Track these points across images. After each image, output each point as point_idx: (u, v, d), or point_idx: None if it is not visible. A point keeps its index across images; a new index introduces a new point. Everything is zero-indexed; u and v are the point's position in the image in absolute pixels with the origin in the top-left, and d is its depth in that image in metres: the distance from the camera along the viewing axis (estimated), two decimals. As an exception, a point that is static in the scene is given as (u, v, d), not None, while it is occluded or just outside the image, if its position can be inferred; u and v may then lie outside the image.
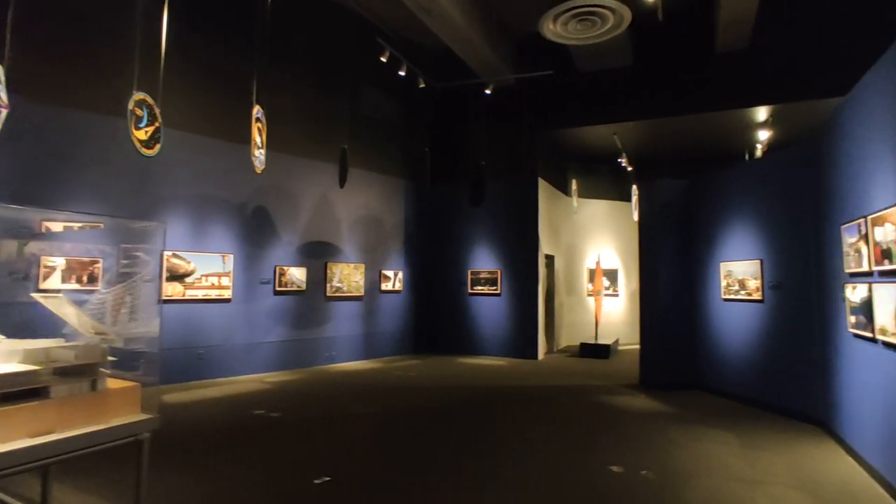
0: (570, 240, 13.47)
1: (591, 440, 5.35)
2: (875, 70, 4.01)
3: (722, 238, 7.34)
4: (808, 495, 3.91)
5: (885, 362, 3.88)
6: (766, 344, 6.53)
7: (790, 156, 6.28)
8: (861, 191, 4.26)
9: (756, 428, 5.76)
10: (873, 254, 3.92)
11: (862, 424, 4.47)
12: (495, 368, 9.86)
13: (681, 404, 6.92)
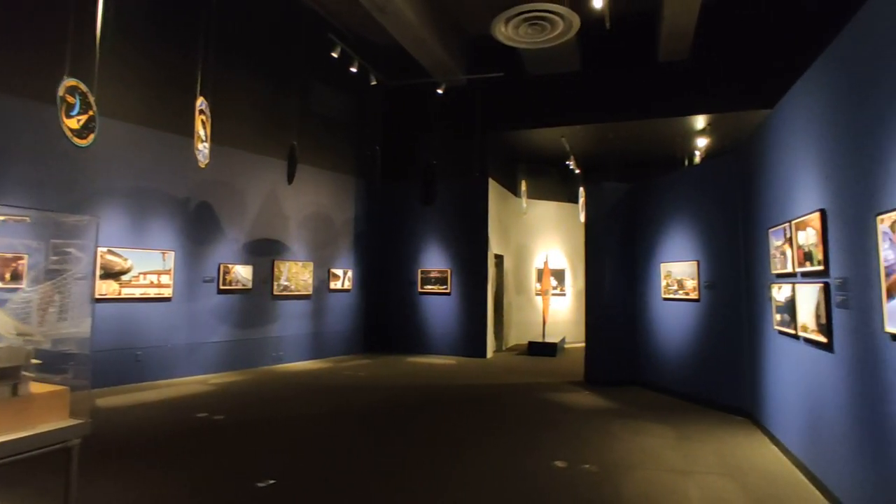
0: (520, 240, 13.70)
1: (536, 437, 5.47)
2: (798, 86, 4.30)
3: (662, 240, 7.66)
4: (735, 482, 4.15)
5: (805, 358, 4.16)
6: (701, 341, 6.87)
7: (724, 163, 6.63)
8: (786, 197, 4.54)
9: (691, 421, 6.05)
10: (796, 256, 4.19)
11: (785, 415, 4.77)
12: (445, 367, 9.91)
13: (622, 400, 7.18)
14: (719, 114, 10.19)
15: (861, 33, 3.17)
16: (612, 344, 8.26)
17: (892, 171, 2.77)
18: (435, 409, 6.73)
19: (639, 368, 8.09)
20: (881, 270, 2.81)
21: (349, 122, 11.62)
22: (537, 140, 12.40)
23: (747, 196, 5.90)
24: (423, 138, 11.41)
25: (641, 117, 10.50)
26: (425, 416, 6.33)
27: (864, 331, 3.11)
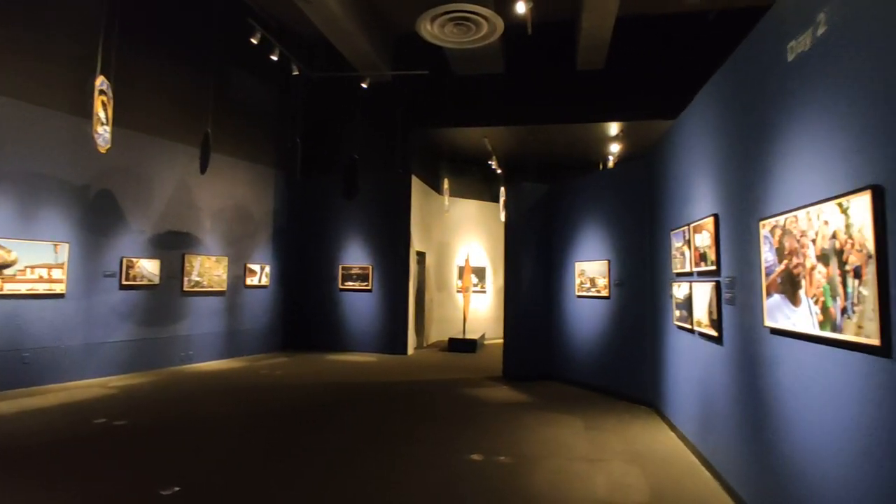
0: (442, 237, 13.84)
1: (454, 431, 5.56)
2: (696, 101, 4.66)
3: (577, 240, 8.03)
4: (637, 466, 4.44)
5: (700, 350, 4.53)
6: (610, 336, 7.28)
7: (633, 168, 7.06)
8: (686, 202, 4.91)
9: (599, 412, 6.39)
10: (693, 257, 4.54)
11: (682, 404, 5.17)
12: (365, 364, 9.83)
13: (538, 394, 7.45)
14: (631, 122, 10.81)
15: (747, 57, 3.48)
16: (529, 340, 8.56)
17: (771, 182, 3.07)
18: (353, 407, 6.66)
19: (554, 363, 8.43)
20: (762, 270, 3.12)
21: (269, 112, 11.21)
22: (461, 139, 12.57)
23: (653, 200, 6.31)
24: (346, 132, 11.23)
25: (560, 121, 10.92)
26: (343, 415, 6.26)
27: (747, 325, 3.44)
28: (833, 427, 2.42)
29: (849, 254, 2.27)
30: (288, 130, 11.32)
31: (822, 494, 2.51)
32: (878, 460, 2.08)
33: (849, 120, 2.34)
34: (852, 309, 2.24)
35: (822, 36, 2.54)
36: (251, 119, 10.73)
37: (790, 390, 2.85)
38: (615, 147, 12.09)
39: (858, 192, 2.19)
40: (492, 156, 12.87)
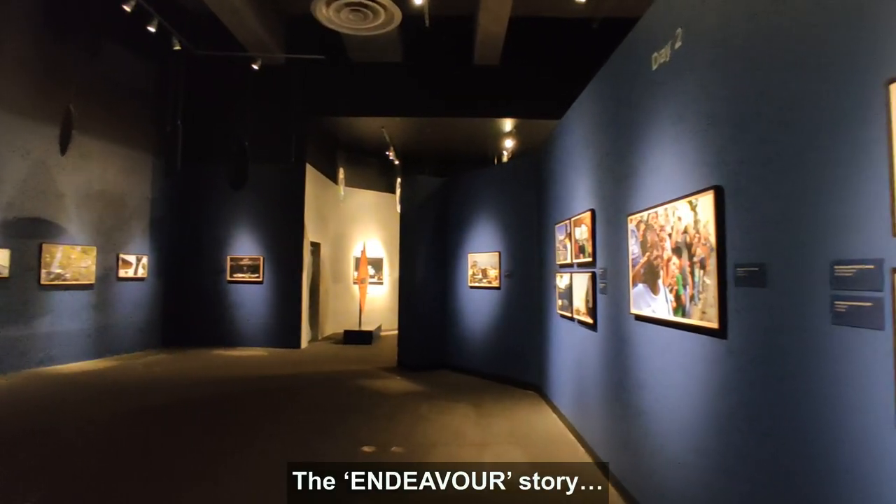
0: (338, 228, 13.58)
1: (347, 423, 5.51)
2: (577, 103, 4.97)
3: (470, 231, 8.25)
4: (521, 448, 4.69)
5: (578, 337, 4.85)
6: (500, 325, 7.58)
7: (523, 163, 7.37)
8: (568, 197, 5.23)
9: (490, 399, 6.63)
10: (574, 249, 4.85)
11: (562, 387, 5.52)
12: (255, 359, 9.43)
13: (432, 383, 7.58)
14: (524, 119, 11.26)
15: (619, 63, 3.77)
16: (424, 330, 8.68)
17: (638, 181, 3.35)
18: (240, 403, 6.38)
19: (448, 352, 8.62)
20: (629, 262, 3.40)
21: (147, 90, 10.28)
22: (358, 128, 12.38)
23: (541, 194, 6.64)
24: (235, 117, 10.60)
25: (457, 115, 11.12)
26: (228, 412, 5.97)
27: (617, 312, 3.74)
28: (682, 397, 2.71)
29: (696, 247, 2.54)
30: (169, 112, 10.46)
31: (671, 452, 2.81)
32: (716, 420, 2.38)
33: (696, 127, 2.61)
34: (698, 296, 2.52)
35: (678, 49, 2.81)
36: (125, 98, 9.78)
37: (649, 370, 3.15)
38: (510, 143, 12.53)
39: (704, 191, 2.46)
40: (389, 146, 12.82)
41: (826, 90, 1.76)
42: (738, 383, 2.23)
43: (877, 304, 1.54)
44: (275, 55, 10.30)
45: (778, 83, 2.01)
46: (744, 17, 2.25)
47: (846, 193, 1.66)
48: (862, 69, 1.60)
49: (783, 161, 1.96)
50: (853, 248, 1.63)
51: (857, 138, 1.62)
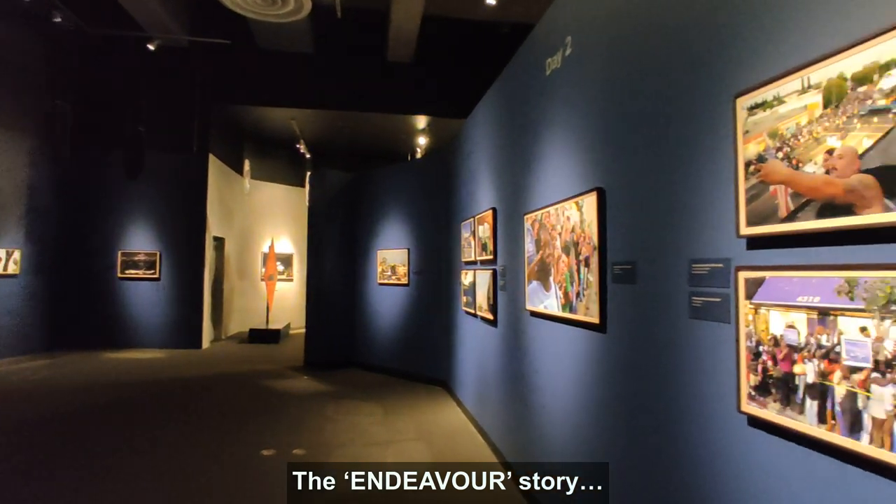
0: (244, 222, 12.98)
1: (248, 427, 5.28)
2: (482, 103, 5.07)
3: (380, 228, 8.19)
4: (425, 443, 4.73)
5: (480, 333, 4.96)
6: (409, 322, 7.59)
7: (433, 161, 7.42)
8: (473, 195, 5.33)
9: (398, 396, 6.63)
10: (477, 247, 4.95)
11: (467, 382, 5.62)
12: (151, 361, 8.81)
13: (339, 382, 7.45)
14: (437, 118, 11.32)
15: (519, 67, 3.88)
16: (332, 328, 8.51)
17: (533, 181, 3.48)
18: (131, 410, 5.92)
19: (357, 350, 8.52)
20: (525, 260, 3.52)
21: (27, 66, 9.23)
22: (267, 119, 11.89)
23: (449, 192, 6.71)
24: (131, 102, 9.80)
25: (369, 110, 10.97)
26: (118, 418, 5.52)
27: (514, 308, 3.86)
28: (570, 387, 2.85)
29: (582, 245, 2.67)
30: (54, 92, 9.47)
31: (559, 439, 2.94)
32: (595, 407, 2.52)
33: (582, 132, 2.74)
34: (583, 293, 2.65)
35: (568, 56, 2.93)
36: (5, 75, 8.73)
37: (542, 363, 3.28)
38: (423, 140, 12.57)
39: (588, 193, 2.59)
40: (300, 139, 12.43)
41: (688, 103, 1.90)
42: (615, 372, 2.37)
43: (724, 300, 1.69)
44: (175, 36, 9.64)
45: (649, 95, 2.15)
46: (622, 30, 2.39)
47: (702, 198, 1.81)
48: (717, 83, 1.75)
49: (652, 167, 2.11)
50: (707, 249, 1.78)
51: (712, 147, 1.77)
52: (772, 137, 1.49)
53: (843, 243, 1.31)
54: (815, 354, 1.34)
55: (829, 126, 1.32)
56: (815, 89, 1.36)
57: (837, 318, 1.28)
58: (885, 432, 1.17)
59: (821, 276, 1.33)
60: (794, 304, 1.40)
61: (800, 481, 1.41)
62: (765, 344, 1.50)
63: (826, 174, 1.32)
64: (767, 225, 1.50)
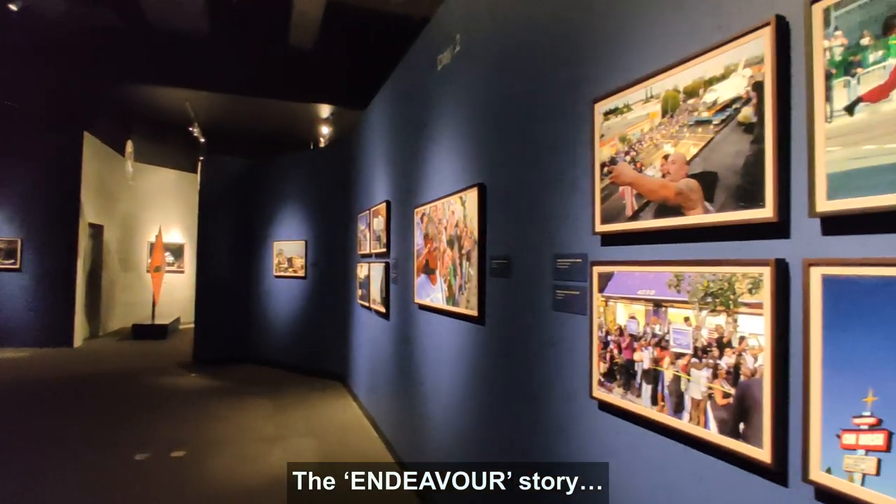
0: (129, 209, 11.96)
1: (124, 429, 4.89)
2: (379, 96, 5.03)
3: (277, 218, 7.89)
4: (315, 439, 4.63)
5: (374, 326, 4.94)
6: (306, 315, 7.40)
7: (332, 152, 7.26)
8: (369, 188, 5.28)
9: (292, 391, 6.44)
10: (372, 239, 4.91)
11: (362, 376, 5.58)
12: (12, 362, 7.88)
13: (231, 378, 7.11)
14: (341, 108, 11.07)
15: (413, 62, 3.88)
16: (224, 322, 8.09)
17: (423, 174, 3.50)
18: (-23, 416, 5.28)
19: (252, 345, 8.16)
20: (414, 253, 3.54)
21: None
22: (158, 99, 11.01)
23: (348, 183, 6.59)
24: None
25: (269, 96, 10.51)
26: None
27: (404, 302, 3.88)
28: (453, 377, 2.91)
29: (464, 239, 2.73)
30: None
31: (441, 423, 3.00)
32: (473, 395, 2.59)
33: (467, 128, 2.80)
34: (465, 286, 2.71)
35: (457, 53, 2.98)
36: None
37: (428, 353, 3.32)
38: (326, 130, 12.25)
39: (470, 188, 2.65)
40: (194, 122, 11.64)
41: (556, 105, 1.99)
42: (492, 362, 2.45)
43: (582, 293, 1.79)
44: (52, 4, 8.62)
45: (523, 95, 2.23)
46: (502, 31, 2.46)
47: (567, 196, 1.91)
48: (580, 88, 1.85)
49: (525, 165, 2.19)
50: (569, 245, 1.89)
51: (575, 149, 1.86)
52: (622, 142, 1.60)
53: (674, 241, 1.43)
54: (650, 343, 1.47)
55: (665, 133, 1.44)
56: (655, 99, 1.48)
57: (668, 310, 1.41)
58: (701, 411, 1.30)
59: (656, 271, 1.45)
60: (635, 296, 1.52)
61: (637, 457, 1.54)
62: (612, 334, 1.62)
63: (662, 178, 1.44)
64: (616, 223, 1.61)
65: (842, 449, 0.99)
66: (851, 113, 1.00)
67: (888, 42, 0.95)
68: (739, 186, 1.21)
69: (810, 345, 1.05)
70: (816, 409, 1.04)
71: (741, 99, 1.22)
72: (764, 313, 1.14)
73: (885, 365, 0.93)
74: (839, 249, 1.04)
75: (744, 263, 1.19)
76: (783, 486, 1.13)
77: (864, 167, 0.97)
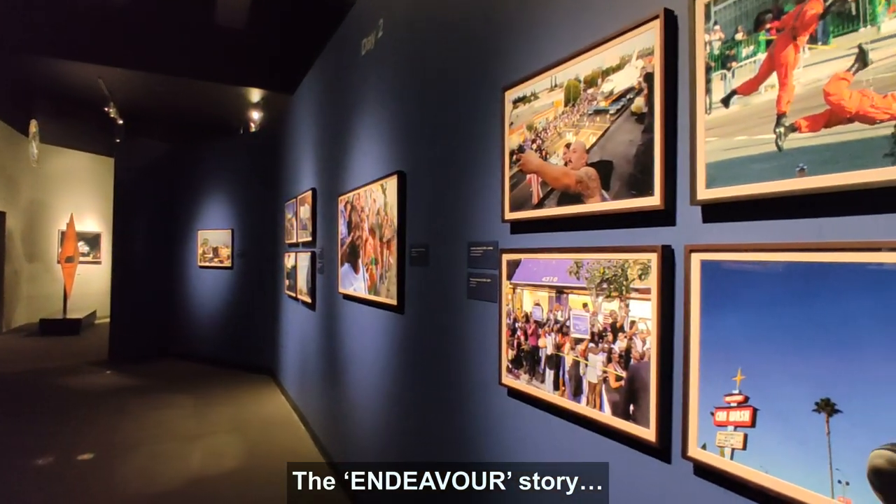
0: (35, 195, 11.06)
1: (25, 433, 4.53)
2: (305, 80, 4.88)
3: (202, 206, 7.52)
4: (240, 434, 4.48)
5: (302, 317, 4.81)
6: (233, 307, 7.11)
7: (261, 137, 6.99)
8: (296, 175, 5.12)
9: (217, 386, 6.19)
10: (298, 228, 4.77)
11: (290, 369, 5.44)
12: None
13: (151, 375, 6.75)
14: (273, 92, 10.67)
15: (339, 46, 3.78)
16: (144, 315, 7.66)
17: (348, 161, 3.42)
18: None
19: (175, 339, 7.77)
20: (339, 242, 3.47)
21: None
22: (66, 74, 10.17)
23: (276, 171, 6.38)
24: None
25: (194, 76, 9.95)
26: None
27: (329, 292, 3.80)
28: (373, 366, 2.88)
29: (385, 228, 2.69)
30: None
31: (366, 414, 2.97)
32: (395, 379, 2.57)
33: (389, 115, 2.76)
34: (385, 275, 2.67)
35: (380, 38, 2.92)
36: None
37: (353, 344, 3.27)
38: (257, 115, 11.79)
39: (391, 175, 2.61)
40: (109, 102, 10.87)
41: (470, 93, 1.99)
42: (411, 351, 2.44)
43: (493, 281, 1.80)
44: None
45: (440, 83, 2.21)
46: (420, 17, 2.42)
47: (480, 184, 1.91)
48: (492, 76, 1.84)
49: (441, 153, 2.18)
50: (482, 232, 1.89)
51: (488, 137, 1.86)
52: (529, 130, 1.61)
53: (575, 229, 1.46)
54: (553, 329, 1.49)
55: (567, 122, 1.46)
56: (559, 88, 1.49)
57: (569, 296, 1.43)
58: (597, 395, 1.34)
59: (559, 258, 1.47)
60: (540, 283, 1.54)
61: (543, 442, 1.57)
62: (520, 321, 1.64)
63: (565, 166, 1.46)
64: (524, 211, 1.62)
65: (715, 426, 1.04)
66: (727, 105, 1.04)
67: (758, 38, 0.99)
68: (632, 175, 1.24)
69: (690, 328, 1.09)
70: (694, 389, 1.08)
71: (634, 89, 1.25)
72: (651, 298, 1.18)
73: (752, 345, 0.98)
74: (718, 236, 1.08)
75: (635, 250, 1.23)
76: (667, 464, 1.17)
77: (737, 157, 1.01)
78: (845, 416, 0.84)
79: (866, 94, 0.83)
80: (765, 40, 0.98)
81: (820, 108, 0.89)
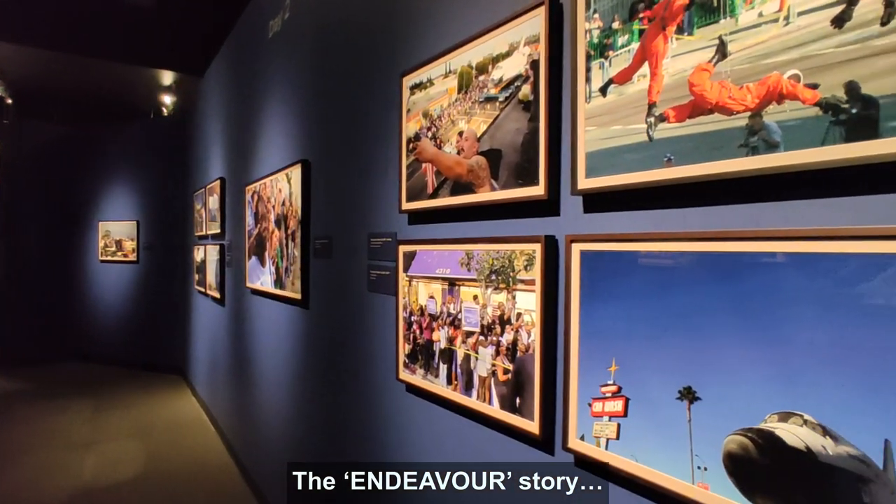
0: None
1: None
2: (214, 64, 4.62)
3: (104, 196, 6.98)
4: (141, 441, 4.18)
5: (210, 313, 4.56)
6: (140, 304, 6.66)
7: (169, 124, 6.57)
8: (206, 164, 4.84)
9: (121, 389, 5.77)
10: (207, 219, 4.50)
11: (201, 369, 5.15)
12: None
13: (45, 379, 6.19)
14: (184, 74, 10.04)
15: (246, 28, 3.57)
16: (38, 314, 7.02)
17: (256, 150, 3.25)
18: None
19: (75, 340, 7.17)
20: (246, 234, 3.29)
21: None
22: (-58, 48, 9.10)
23: (186, 158, 6.01)
24: None
25: (96, 55, 9.18)
26: None
27: (238, 285, 3.61)
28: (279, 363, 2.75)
29: (290, 219, 2.57)
30: None
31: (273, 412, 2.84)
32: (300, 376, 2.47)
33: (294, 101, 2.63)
34: (290, 268, 2.55)
35: (287, 20, 2.77)
36: None
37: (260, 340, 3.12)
38: (169, 99, 11.07)
39: (295, 164, 2.49)
40: (-2, 80, 9.83)
41: (369, 80, 1.91)
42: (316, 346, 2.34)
43: (392, 273, 1.75)
44: None
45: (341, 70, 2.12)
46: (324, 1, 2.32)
47: (380, 173, 1.84)
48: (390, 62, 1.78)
49: (343, 141, 2.09)
50: (381, 223, 1.83)
51: (387, 124, 1.80)
52: (425, 117, 1.56)
53: (467, 219, 1.43)
54: (446, 322, 1.46)
55: (460, 109, 1.42)
56: (453, 74, 1.45)
57: (460, 288, 1.40)
58: (487, 388, 1.31)
59: (451, 250, 1.43)
60: (434, 275, 1.50)
61: (438, 438, 1.53)
62: (415, 314, 1.59)
63: (457, 154, 1.42)
64: (419, 201, 1.57)
65: (592, 417, 1.04)
66: (604, 94, 1.03)
67: (632, 27, 0.98)
68: (518, 164, 1.22)
69: (571, 319, 1.08)
70: (574, 380, 1.08)
71: (522, 76, 1.22)
72: (536, 290, 1.16)
73: (624, 335, 0.98)
74: (597, 226, 1.08)
75: (521, 241, 1.21)
76: (551, 455, 1.17)
77: (613, 146, 1.01)
78: (704, 404, 0.85)
79: (725, 86, 0.84)
80: (638, 29, 0.98)
81: (685, 99, 0.89)
